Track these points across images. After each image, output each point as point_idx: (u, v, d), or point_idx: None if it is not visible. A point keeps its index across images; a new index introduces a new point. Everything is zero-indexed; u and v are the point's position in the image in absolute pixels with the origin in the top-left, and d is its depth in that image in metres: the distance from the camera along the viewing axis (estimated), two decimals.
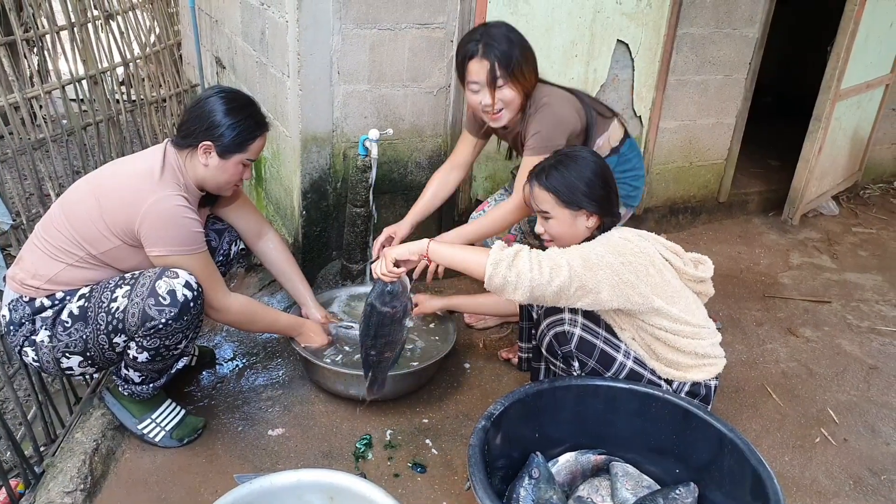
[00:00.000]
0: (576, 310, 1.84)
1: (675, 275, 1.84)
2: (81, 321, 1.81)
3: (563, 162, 1.85)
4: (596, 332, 1.85)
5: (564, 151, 1.93)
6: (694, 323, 1.84)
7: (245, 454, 2.01)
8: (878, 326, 2.94)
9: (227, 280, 2.87)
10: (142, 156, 1.95)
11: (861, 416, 2.38)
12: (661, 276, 1.79)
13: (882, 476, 2.11)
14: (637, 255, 1.76)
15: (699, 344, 1.84)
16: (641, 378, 1.86)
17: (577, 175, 1.82)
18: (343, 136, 2.59)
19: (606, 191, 1.85)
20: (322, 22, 2.38)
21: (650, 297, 1.75)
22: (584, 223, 1.85)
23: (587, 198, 1.81)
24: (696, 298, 1.91)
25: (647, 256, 1.77)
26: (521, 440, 1.78)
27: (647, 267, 1.76)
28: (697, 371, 1.86)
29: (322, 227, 2.72)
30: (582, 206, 1.82)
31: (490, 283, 1.71)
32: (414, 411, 2.23)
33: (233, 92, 1.98)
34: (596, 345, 1.84)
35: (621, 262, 1.72)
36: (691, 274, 1.87)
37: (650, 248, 1.80)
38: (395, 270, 1.83)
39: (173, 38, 4.34)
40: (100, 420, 2.02)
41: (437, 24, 2.56)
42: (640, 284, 1.73)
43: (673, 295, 1.81)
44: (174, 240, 1.82)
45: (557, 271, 1.68)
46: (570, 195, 1.81)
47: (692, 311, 1.85)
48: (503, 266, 1.69)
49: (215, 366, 2.39)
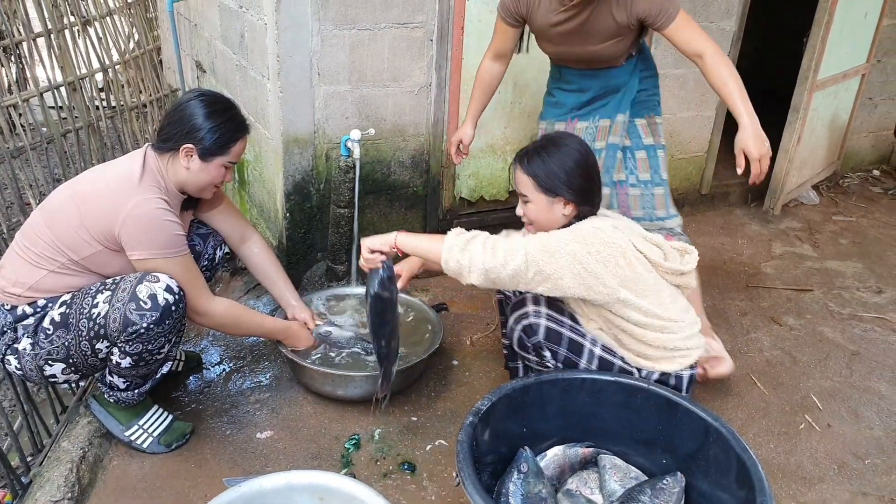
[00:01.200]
0: (539, 301, 1.86)
1: (649, 268, 1.83)
2: (63, 328, 1.80)
3: (547, 148, 1.87)
4: (561, 322, 1.87)
5: (551, 137, 1.96)
6: (665, 317, 1.83)
7: (234, 458, 2.01)
8: (860, 313, 2.98)
9: (213, 284, 2.88)
10: (121, 160, 1.95)
11: (844, 401, 2.41)
12: (632, 269, 1.78)
13: (866, 460, 2.14)
14: (606, 246, 1.76)
15: (669, 338, 1.84)
16: (612, 366, 1.88)
17: (559, 163, 1.83)
18: (325, 137, 2.59)
19: (587, 181, 1.85)
20: (301, 23, 2.38)
21: (616, 289, 1.76)
22: (561, 210, 1.86)
23: (565, 186, 1.82)
24: (672, 292, 1.90)
25: (617, 247, 1.76)
26: (509, 435, 1.79)
27: (616, 258, 1.75)
28: (667, 363, 1.87)
29: (306, 228, 2.72)
30: (559, 194, 1.83)
31: (447, 267, 1.78)
32: (402, 410, 2.24)
33: (213, 95, 1.98)
34: (563, 333, 1.86)
35: (587, 251, 1.73)
36: (668, 267, 1.85)
37: (622, 239, 1.79)
38: (370, 258, 1.86)
39: (152, 43, 4.32)
40: (86, 428, 2.01)
41: (416, 24, 2.56)
42: (605, 275, 1.74)
43: (644, 289, 1.80)
44: (155, 243, 1.81)
45: (512, 255, 1.71)
46: (548, 181, 1.83)
47: (665, 305, 1.84)
48: (456, 250, 1.75)
49: (202, 371, 2.39)
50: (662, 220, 2.39)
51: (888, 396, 2.45)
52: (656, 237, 1.92)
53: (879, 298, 3.12)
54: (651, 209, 2.38)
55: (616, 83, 2.30)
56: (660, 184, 2.37)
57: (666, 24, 2.08)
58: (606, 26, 2.12)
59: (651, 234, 1.91)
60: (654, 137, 2.37)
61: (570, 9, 2.09)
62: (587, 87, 2.32)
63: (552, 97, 2.44)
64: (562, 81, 2.38)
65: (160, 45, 4.60)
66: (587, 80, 2.31)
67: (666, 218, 2.39)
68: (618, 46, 2.20)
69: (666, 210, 2.40)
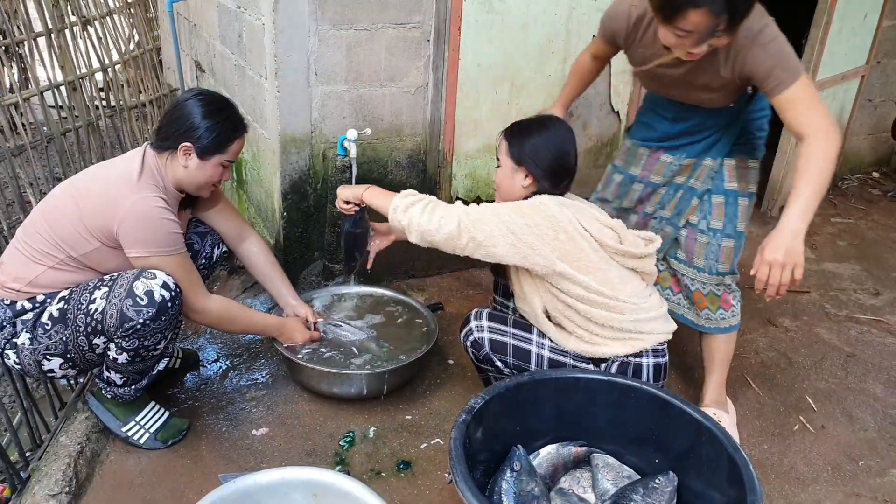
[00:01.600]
0: (480, 315, 1.95)
1: (595, 247, 1.84)
2: (61, 323, 1.82)
3: (534, 123, 1.96)
4: (503, 331, 1.94)
5: (543, 117, 2.01)
6: (610, 295, 1.84)
7: (229, 454, 2.02)
8: (856, 315, 2.98)
9: (210, 283, 2.89)
10: (121, 159, 1.97)
11: (839, 403, 2.42)
12: (574, 244, 1.81)
13: (860, 462, 2.15)
14: (545, 219, 1.80)
15: (616, 318, 1.85)
16: (565, 366, 1.91)
17: (535, 138, 1.91)
18: (322, 136, 2.60)
19: (555, 163, 1.90)
20: (298, 24, 2.39)
21: (553, 261, 1.80)
22: (521, 181, 1.92)
23: (531, 158, 1.89)
24: (624, 274, 1.90)
25: (556, 222, 1.80)
26: (502, 433, 1.80)
27: (555, 232, 1.80)
28: (618, 344, 1.87)
29: (303, 227, 2.73)
30: (523, 164, 1.90)
31: (391, 225, 1.92)
32: (397, 408, 2.25)
33: (211, 94, 2.00)
34: (506, 342, 1.93)
35: (524, 223, 1.80)
36: (619, 248, 1.87)
37: (565, 215, 1.81)
38: (345, 207, 2.08)
39: (152, 43, 4.33)
40: (84, 423, 2.03)
41: (414, 24, 2.57)
42: (541, 247, 1.79)
43: (587, 265, 1.83)
44: (153, 241, 1.83)
45: (446, 220, 1.81)
46: (518, 150, 1.91)
47: (612, 284, 1.85)
48: (400, 211, 1.87)
49: (199, 368, 2.40)
50: (723, 276, 2.16)
51: (883, 398, 2.45)
52: (615, 222, 1.94)
53: (876, 300, 3.13)
54: (714, 261, 2.15)
55: (716, 122, 2.07)
56: (731, 236, 2.13)
57: (775, 91, 1.79)
58: (710, 80, 1.91)
59: (610, 219, 1.93)
60: (739, 182, 2.12)
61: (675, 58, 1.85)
62: (683, 118, 2.11)
63: (644, 116, 2.25)
64: (657, 105, 2.18)
65: (160, 45, 4.62)
66: (685, 112, 2.10)
67: (727, 273, 2.17)
68: (722, 98, 1.99)
69: (730, 264, 2.16)
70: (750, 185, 2.14)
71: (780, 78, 1.77)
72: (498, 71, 2.82)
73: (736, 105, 2.04)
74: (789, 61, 1.78)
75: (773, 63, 1.78)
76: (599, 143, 3.26)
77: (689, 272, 2.21)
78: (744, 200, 2.13)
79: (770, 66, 1.78)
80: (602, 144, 3.27)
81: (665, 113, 2.15)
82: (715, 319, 2.21)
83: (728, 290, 2.20)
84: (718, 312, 2.20)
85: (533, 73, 2.90)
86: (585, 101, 3.12)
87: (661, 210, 2.24)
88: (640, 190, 2.27)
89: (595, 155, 3.28)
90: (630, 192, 2.29)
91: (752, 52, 1.79)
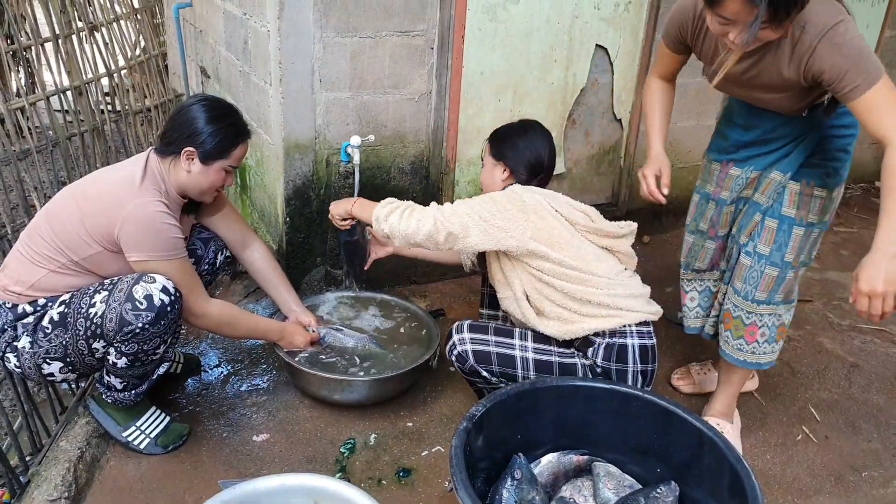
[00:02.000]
0: (461, 329, 1.98)
1: (566, 226, 1.93)
2: (61, 327, 1.82)
3: (516, 126, 2.11)
4: (485, 341, 1.95)
5: (525, 121, 2.14)
6: (585, 269, 1.90)
7: (230, 460, 2.02)
8: (859, 325, 2.97)
9: (213, 287, 2.89)
10: (124, 164, 1.98)
11: (842, 413, 2.41)
12: (544, 222, 1.90)
13: (863, 473, 2.14)
14: (514, 203, 1.91)
15: (592, 291, 1.89)
16: (550, 364, 1.93)
17: (513, 137, 2.07)
18: (326, 142, 2.61)
19: (531, 158, 2.04)
20: (303, 31, 2.40)
21: (526, 241, 1.88)
22: (500, 175, 2.07)
23: (509, 154, 2.05)
24: (599, 252, 1.97)
25: (525, 205, 1.90)
26: (503, 441, 1.80)
27: (524, 214, 1.89)
28: (596, 320, 1.90)
29: (306, 233, 2.74)
30: (501, 159, 2.06)
31: (375, 234, 2.05)
32: (398, 415, 2.24)
33: (215, 100, 2.01)
34: (489, 351, 1.94)
35: (495, 209, 1.89)
36: (591, 227, 1.96)
37: (534, 198, 1.93)
38: (341, 223, 2.17)
39: (158, 49, 4.36)
40: (84, 428, 2.02)
41: (418, 32, 2.58)
42: (512, 229, 1.88)
43: (560, 242, 1.91)
44: (153, 245, 1.83)
45: (423, 221, 1.89)
46: (498, 146, 2.08)
47: (586, 260, 1.92)
48: (381, 221, 1.96)
49: (200, 373, 2.40)
50: (757, 304, 2.05)
51: (886, 409, 2.44)
52: (587, 207, 2.02)
53: None
54: (752, 287, 2.04)
55: (788, 132, 1.94)
56: (776, 265, 2.00)
57: (851, 95, 1.64)
58: (771, 80, 1.80)
59: (581, 205, 2.02)
60: (798, 210, 1.96)
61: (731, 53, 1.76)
62: (754, 125, 1.99)
63: (720, 126, 2.16)
64: (731, 111, 2.10)
65: (166, 50, 4.65)
66: (755, 117, 1.99)
67: (763, 303, 2.04)
68: (790, 102, 1.85)
69: (769, 294, 2.03)
70: (811, 214, 1.96)
71: (855, 81, 1.62)
72: (501, 79, 2.83)
73: (811, 115, 1.90)
74: (866, 63, 1.63)
75: (846, 65, 1.63)
76: (601, 151, 3.26)
77: (726, 289, 2.15)
78: (800, 230, 1.97)
79: (843, 69, 1.63)
80: (604, 152, 3.27)
81: (737, 119, 2.06)
82: (731, 346, 2.13)
83: (758, 322, 2.05)
84: (737, 341, 2.11)
85: (536, 82, 2.91)
86: (588, 108, 3.12)
87: (735, 230, 2.12)
88: (714, 210, 2.15)
89: (598, 162, 3.29)
90: (706, 210, 2.18)
91: (821, 52, 1.65)
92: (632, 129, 3.25)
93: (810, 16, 1.66)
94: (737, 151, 2.06)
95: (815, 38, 1.66)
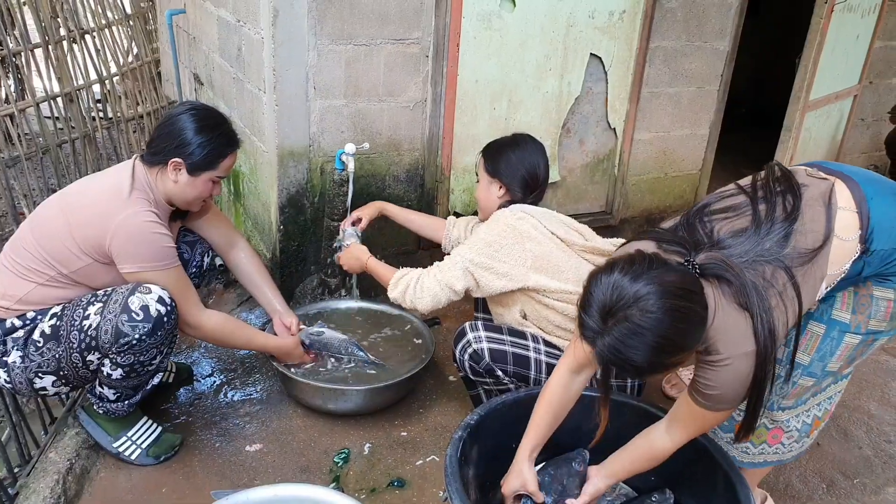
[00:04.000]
0: (476, 327, 1.97)
1: (562, 247, 1.96)
2: (54, 340, 1.80)
3: (509, 141, 2.13)
4: (501, 340, 1.96)
5: (518, 135, 2.15)
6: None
7: (222, 470, 2.00)
8: None
9: (206, 295, 2.88)
10: (109, 173, 1.94)
11: (834, 420, 2.42)
12: (542, 248, 1.93)
13: (855, 479, 2.15)
14: (509, 234, 1.94)
15: None
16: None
17: (509, 154, 2.08)
18: (320, 150, 2.60)
19: (526, 175, 2.07)
20: (297, 38, 2.40)
21: (526, 278, 1.92)
22: (496, 192, 2.10)
23: (504, 171, 2.07)
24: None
25: (519, 232, 1.94)
26: (498, 451, 1.79)
27: (521, 243, 1.92)
28: None
29: (300, 241, 2.73)
30: (496, 176, 2.08)
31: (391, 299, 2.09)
32: (393, 424, 2.23)
33: (204, 109, 1.97)
34: (506, 350, 1.95)
35: (492, 251, 1.93)
36: (585, 245, 1.99)
37: (527, 223, 1.96)
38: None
39: (150, 56, 4.34)
40: (74, 439, 2.00)
41: (413, 40, 2.59)
42: (512, 269, 1.92)
43: (559, 265, 1.94)
44: (146, 256, 1.82)
45: (425, 294, 1.98)
46: (493, 164, 2.10)
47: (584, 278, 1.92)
48: (391, 287, 2.06)
49: (193, 383, 2.38)
50: (783, 411, 1.71)
51: (878, 416, 2.45)
52: (581, 226, 2.08)
53: None
54: (779, 398, 1.69)
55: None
56: (814, 375, 1.64)
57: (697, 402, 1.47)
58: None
59: (576, 224, 2.08)
60: (852, 314, 1.57)
61: None
62: None
63: None
64: None
65: (159, 57, 4.63)
66: None
67: (788, 409, 1.70)
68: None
69: (796, 400, 1.69)
70: (871, 319, 1.56)
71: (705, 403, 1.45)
72: (496, 87, 2.84)
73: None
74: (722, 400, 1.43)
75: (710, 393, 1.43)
76: (596, 160, 3.28)
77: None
78: (852, 338, 1.59)
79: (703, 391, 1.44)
80: (598, 160, 3.28)
81: None
82: (752, 454, 1.79)
83: (784, 427, 1.74)
84: (760, 447, 1.78)
85: (530, 90, 2.92)
86: (582, 117, 3.14)
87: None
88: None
89: (592, 170, 3.30)
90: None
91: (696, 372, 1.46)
92: (626, 137, 3.27)
93: (715, 345, 1.39)
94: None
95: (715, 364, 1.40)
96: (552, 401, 1.68)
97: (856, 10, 3.71)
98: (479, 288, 1.97)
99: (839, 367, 1.63)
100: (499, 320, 2.08)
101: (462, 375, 2.06)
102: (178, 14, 3.79)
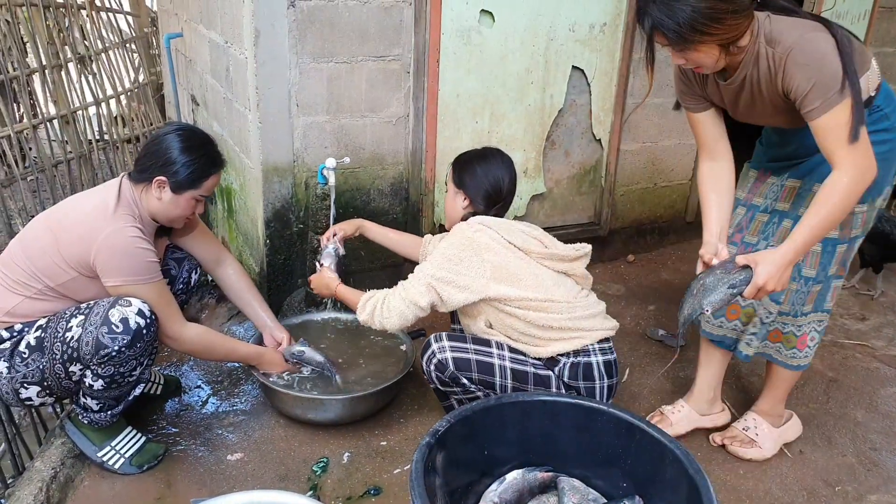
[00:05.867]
0: (440, 337, 2.02)
1: (520, 255, 2.00)
2: (38, 351, 1.85)
3: (478, 155, 2.18)
4: (465, 349, 1.99)
5: (487, 148, 2.21)
6: (543, 297, 1.97)
7: (203, 479, 2.04)
8: (841, 340, 2.98)
9: (199, 310, 2.93)
10: (97, 190, 2.01)
11: (819, 427, 2.41)
12: (499, 258, 1.98)
13: (836, 487, 2.14)
14: (467, 247, 1.97)
15: (554, 317, 1.96)
16: (527, 374, 1.98)
17: (474, 166, 2.13)
18: (304, 166, 2.66)
19: (490, 189, 2.12)
20: (279, 57, 2.47)
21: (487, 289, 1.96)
22: (461, 203, 2.16)
23: (469, 184, 2.12)
24: (556, 277, 2.03)
25: (477, 244, 1.97)
26: (467, 459, 1.80)
27: (479, 255, 1.96)
28: (562, 343, 1.98)
29: (286, 255, 2.78)
30: (462, 188, 2.14)
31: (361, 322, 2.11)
32: (373, 434, 2.26)
33: (190, 129, 2.05)
34: (469, 358, 1.98)
35: (451, 264, 1.97)
36: (545, 252, 2.02)
37: (485, 235, 1.99)
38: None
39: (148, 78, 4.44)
40: (60, 449, 2.05)
41: (393, 57, 2.64)
42: (473, 283, 1.96)
43: (518, 274, 1.97)
44: (129, 270, 1.87)
45: (392, 313, 2.02)
46: (459, 175, 2.16)
47: (546, 287, 1.99)
48: (359, 310, 2.09)
49: (181, 394, 2.43)
50: (806, 315, 2.08)
51: (864, 423, 2.44)
52: (540, 232, 2.10)
53: (862, 325, 3.12)
54: (800, 305, 2.06)
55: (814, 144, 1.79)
56: (821, 281, 2.02)
57: (809, 116, 1.67)
58: (764, 104, 1.83)
59: (536, 231, 2.10)
60: (840, 231, 1.95)
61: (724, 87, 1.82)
62: (788, 140, 1.99)
63: (759, 143, 2.14)
64: (767, 130, 2.09)
65: (162, 80, 4.74)
66: (788, 133, 1.97)
67: (811, 313, 2.08)
68: (793, 119, 1.79)
69: (813, 304, 2.07)
70: (853, 229, 1.95)
71: (813, 103, 1.64)
72: (477, 101, 2.88)
73: None
74: (826, 86, 1.62)
75: (806, 86, 1.64)
76: (582, 171, 3.30)
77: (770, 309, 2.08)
78: (843, 247, 1.97)
79: (804, 89, 1.64)
80: (585, 171, 3.31)
81: (773, 137, 2.06)
82: (784, 355, 2.16)
83: (807, 329, 2.10)
84: (791, 350, 2.14)
85: (513, 103, 2.96)
86: (567, 129, 3.17)
87: (766, 241, 2.07)
88: (742, 215, 2.12)
89: (578, 182, 3.33)
90: (733, 216, 2.08)
91: (788, 71, 1.67)
92: (612, 148, 3.29)
93: (780, 35, 1.68)
94: (775, 162, 2.06)
95: (783, 56, 1.68)
96: (708, 187, 1.97)
97: (844, 17, 3.73)
98: (443, 302, 2.00)
99: (836, 270, 2.02)
100: (468, 331, 2.12)
101: (433, 387, 2.09)
102: (176, 38, 3.89)
